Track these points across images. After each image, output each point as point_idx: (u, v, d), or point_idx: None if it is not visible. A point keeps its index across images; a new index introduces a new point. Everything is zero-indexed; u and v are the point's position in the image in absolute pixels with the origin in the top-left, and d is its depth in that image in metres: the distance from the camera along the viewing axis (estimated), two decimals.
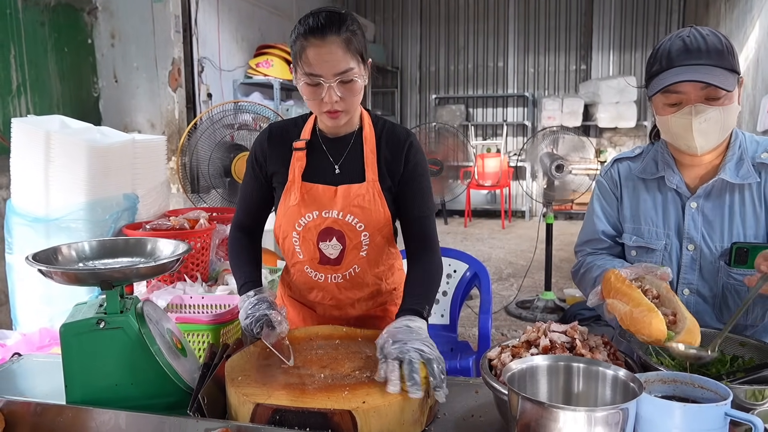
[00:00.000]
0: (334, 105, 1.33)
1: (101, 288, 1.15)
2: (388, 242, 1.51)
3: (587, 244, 1.62)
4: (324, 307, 1.56)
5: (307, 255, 1.48)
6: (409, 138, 1.48)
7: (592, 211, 1.62)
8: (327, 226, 1.44)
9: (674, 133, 1.38)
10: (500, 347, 1.22)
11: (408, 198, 1.47)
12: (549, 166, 4.38)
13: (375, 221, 1.44)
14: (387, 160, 1.46)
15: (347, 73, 1.31)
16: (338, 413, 1.03)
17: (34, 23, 3.62)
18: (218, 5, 5.33)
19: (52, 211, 1.81)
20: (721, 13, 6.14)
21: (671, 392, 1.00)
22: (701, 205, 1.44)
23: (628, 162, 1.58)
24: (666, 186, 1.49)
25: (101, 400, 1.16)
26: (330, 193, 1.43)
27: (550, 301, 4.46)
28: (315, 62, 1.30)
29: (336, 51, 1.29)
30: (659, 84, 1.35)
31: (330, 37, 1.29)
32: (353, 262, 1.47)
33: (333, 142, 1.48)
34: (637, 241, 1.51)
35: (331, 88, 1.31)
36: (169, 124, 4.27)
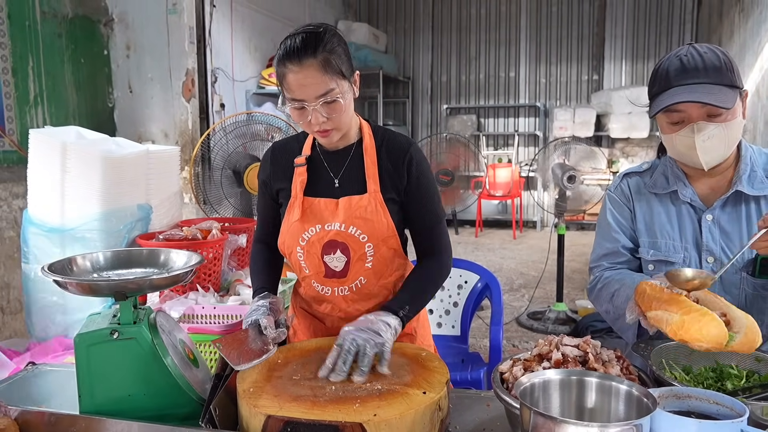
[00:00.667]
0: (322, 125, 1.35)
1: (115, 299, 1.16)
2: (396, 253, 1.51)
3: (605, 258, 1.60)
4: (333, 319, 1.56)
5: (313, 269, 1.49)
6: (411, 148, 1.48)
7: (607, 225, 1.61)
8: (330, 239, 1.44)
9: (679, 151, 1.40)
10: (512, 360, 1.22)
11: (415, 209, 1.48)
12: (561, 176, 4.36)
13: (378, 232, 1.44)
14: (389, 170, 1.46)
15: (328, 95, 1.32)
16: (349, 425, 1.03)
17: (52, 35, 3.69)
18: (232, 16, 5.40)
19: (67, 221, 1.83)
20: (735, 23, 6.11)
21: (686, 408, 0.99)
22: (717, 217, 1.44)
23: (638, 176, 1.59)
24: (679, 200, 1.49)
25: (114, 410, 1.17)
26: (332, 206, 1.45)
27: (562, 313, 4.43)
28: (295, 88, 1.32)
29: (314, 74, 1.30)
30: (659, 105, 1.36)
31: (307, 61, 1.30)
32: (359, 274, 1.47)
33: (332, 155, 1.49)
34: (655, 254, 1.51)
35: (315, 110, 1.33)
36: (182, 134, 4.31)
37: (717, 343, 1.05)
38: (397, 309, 1.36)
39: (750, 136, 5.40)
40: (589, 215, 7.80)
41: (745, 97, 1.39)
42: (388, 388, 1.16)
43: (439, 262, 1.51)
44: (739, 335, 1.07)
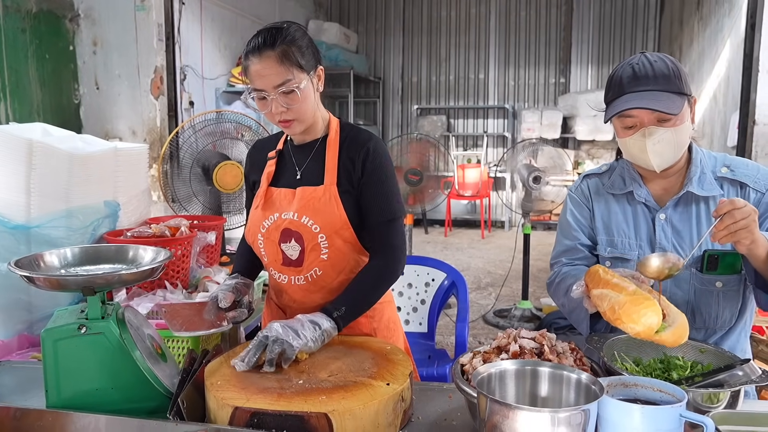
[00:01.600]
0: (282, 115, 1.43)
1: (83, 294, 1.17)
2: (354, 249, 1.52)
3: (564, 254, 1.66)
4: (291, 310, 1.59)
5: (271, 257, 1.54)
6: (370, 142, 1.51)
7: (567, 223, 1.68)
8: (285, 227, 1.49)
9: (632, 153, 1.47)
10: (472, 353, 1.27)
11: (367, 202, 1.49)
12: (527, 177, 4.46)
13: (330, 223, 1.47)
14: (346, 164, 1.50)
15: (285, 84, 1.40)
16: (315, 416, 1.07)
17: (15, 30, 3.62)
18: (201, 14, 5.36)
19: (32, 219, 1.81)
20: (694, 31, 6.32)
21: (633, 395, 1.05)
22: (669, 217, 1.52)
23: (597, 178, 1.67)
24: (635, 200, 1.56)
25: (81, 404, 1.18)
26: (290, 196, 1.50)
27: (527, 310, 4.53)
28: (255, 78, 1.41)
29: (272, 65, 1.39)
30: (612, 111, 1.44)
31: (266, 52, 1.39)
32: (314, 264, 1.50)
33: (299, 149, 1.56)
34: (612, 251, 1.58)
35: (274, 100, 1.41)
36: (150, 132, 4.27)
37: (649, 329, 1.12)
38: (332, 310, 1.39)
39: (707, 140, 5.59)
40: (555, 215, 7.95)
41: (694, 103, 1.47)
42: (353, 380, 1.20)
43: (384, 260, 1.50)
44: (670, 328, 1.13)
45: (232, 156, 2.90)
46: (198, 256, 2.14)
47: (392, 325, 1.68)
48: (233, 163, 2.76)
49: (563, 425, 0.89)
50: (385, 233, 1.50)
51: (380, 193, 1.50)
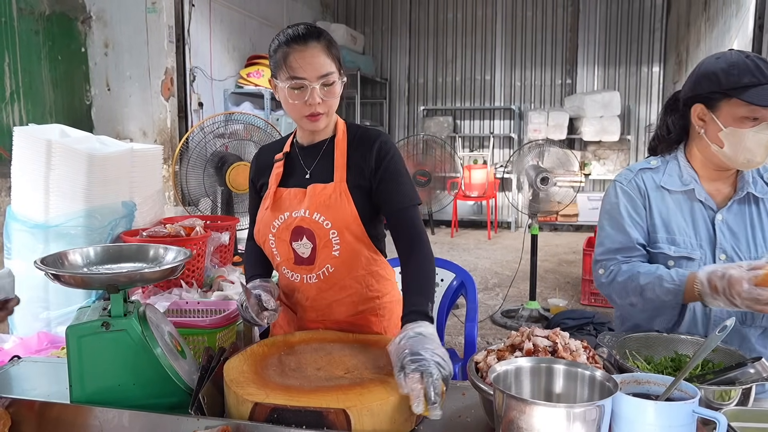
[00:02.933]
0: (317, 107, 1.42)
1: (107, 291, 1.20)
2: (365, 245, 1.53)
3: (618, 252, 1.58)
4: (303, 308, 1.60)
5: (284, 255, 1.55)
6: (380, 138, 1.54)
7: (620, 218, 1.59)
8: (296, 225, 1.50)
9: (746, 146, 1.43)
10: (486, 351, 1.29)
11: (386, 193, 1.51)
12: (534, 178, 4.47)
13: (341, 219, 1.48)
14: (357, 159, 1.52)
15: (329, 76, 1.42)
16: (333, 412, 1.09)
17: (29, 31, 3.66)
18: (211, 16, 5.40)
19: (51, 218, 1.85)
20: (701, 32, 6.31)
21: (645, 392, 1.07)
22: (725, 218, 1.53)
23: (651, 173, 1.61)
24: (693, 198, 1.55)
25: (104, 400, 1.21)
26: (300, 195, 1.52)
27: (535, 311, 4.54)
28: (298, 66, 1.40)
29: (318, 55, 1.41)
30: (755, 96, 1.39)
31: (311, 42, 1.41)
32: (326, 261, 1.51)
33: (307, 149, 1.58)
34: (677, 251, 1.53)
35: (314, 90, 1.41)
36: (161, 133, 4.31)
37: None
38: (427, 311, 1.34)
39: None
40: (561, 216, 7.97)
41: None
42: (370, 377, 1.22)
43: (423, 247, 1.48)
44: None
45: (244, 157, 2.93)
46: (212, 255, 2.17)
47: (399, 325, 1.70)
48: (246, 164, 2.79)
49: (578, 420, 0.91)
50: (409, 219, 1.50)
51: (400, 182, 1.52)
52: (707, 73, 1.48)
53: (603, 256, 1.60)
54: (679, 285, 1.41)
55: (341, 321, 1.58)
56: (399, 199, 1.51)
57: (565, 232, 8.51)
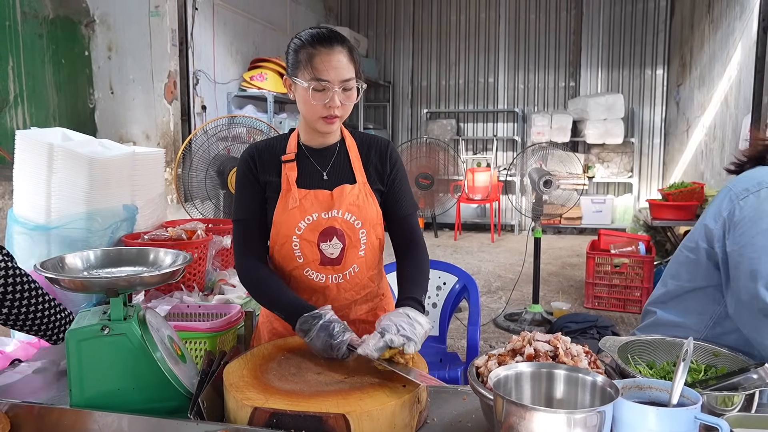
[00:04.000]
0: (336, 110, 1.44)
1: (107, 295, 1.20)
2: (381, 245, 1.61)
3: None
4: None
5: (309, 257, 1.52)
6: (390, 144, 1.63)
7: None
8: (328, 225, 1.51)
9: None
10: (487, 356, 1.28)
11: (394, 199, 1.59)
12: (537, 181, 4.46)
13: (370, 219, 1.54)
14: (375, 164, 1.58)
15: (350, 81, 1.44)
16: (333, 417, 1.08)
17: (33, 35, 3.68)
18: (214, 19, 5.41)
19: (52, 221, 1.85)
20: (705, 34, 6.30)
21: (647, 397, 1.06)
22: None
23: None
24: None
25: (104, 404, 1.21)
26: (326, 196, 1.52)
27: (538, 314, 4.53)
28: (323, 68, 1.41)
29: (343, 60, 1.43)
30: None
31: (337, 47, 1.43)
32: (353, 262, 1.54)
33: (318, 152, 1.58)
34: None
35: (335, 93, 1.42)
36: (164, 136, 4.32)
37: None
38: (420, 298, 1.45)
39: (719, 144, 5.57)
40: (565, 219, 7.96)
41: None
42: (370, 382, 1.22)
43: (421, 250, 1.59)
44: None
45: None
46: (213, 259, 2.17)
47: None
48: None
49: (579, 427, 0.91)
50: (412, 225, 1.61)
51: (403, 190, 1.61)
52: None
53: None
54: None
55: (356, 319, 1.62)
56: (405, 206, 1.61)
57: (569, 235, 8.49)
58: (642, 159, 8.46)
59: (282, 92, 5.81)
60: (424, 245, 1.60)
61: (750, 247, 1.41)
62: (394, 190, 1.59)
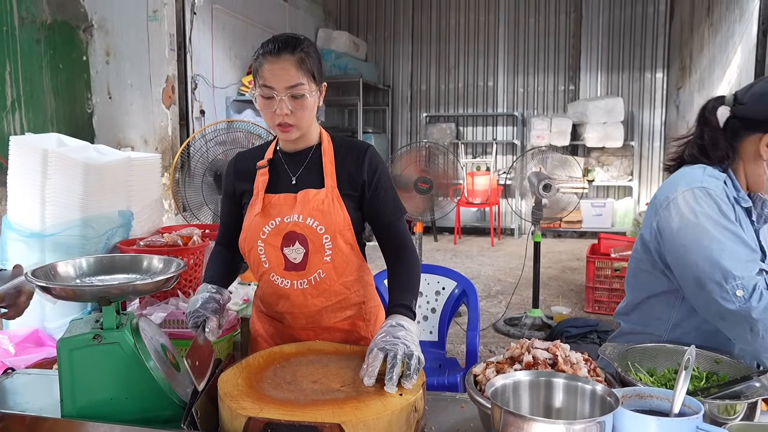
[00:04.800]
0: (285, 118, 1.45)
1: (99, 304, 1.18)
2: (354, 251, 1.57)
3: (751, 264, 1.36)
4: (292, 316, 1.59)
5: (273, 262, 1.54)
6: (369, 149, 1.59)
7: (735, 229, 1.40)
8: (289, 230, 1.51)
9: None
10: (485, 363, 1.26)
11: (377, 205, 1.57)
12: (537, 185, 4.44)
13: (334, 224, 1.51)
14: (349, 169, 1.56)
15: (298, 88, 1.44)
16: (328, 426, 1.06)
17: (30, 40, 3.67)
18: (212, 23, 5.41)
19: (47, 227, 1.83)
20: (705, 38, 6.29)
21: (647, 406, 1.04)
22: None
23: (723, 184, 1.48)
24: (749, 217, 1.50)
25: (96, 414, 1.19)
26: (290, 200, 1.53)
27: (538, 319, 4.51)
28: (268, 76, 1.43)
29: (289, 68, 1.43)
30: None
31: (284, 55, 1.44)
32: (317, 267, 1.53)
33: (292, 156, 1.59)
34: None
35: (282, 100, 1.43)
36: (162, 141, 4.31)
37: None
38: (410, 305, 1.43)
39: None
40: (565, 223, 7.94)
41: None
42: (366, 390, 1.20)
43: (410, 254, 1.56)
44: None
45: None
46: None
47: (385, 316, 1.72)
48: None
49: None
50: (399, 230, 1.58)
51: (389, 195, 1.59)
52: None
53: (739, 272, 1.33)
54: None
55: (330, 327, 1.61)
56: (389, 212, 1.58)
57: (569, 238, 8.47)
58: (642, 162, 8.44)
59: None
60: (413, 248, 1.58)
61: (684, 259, 1.43)
62: (376, 196, 1.57)
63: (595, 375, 1.21)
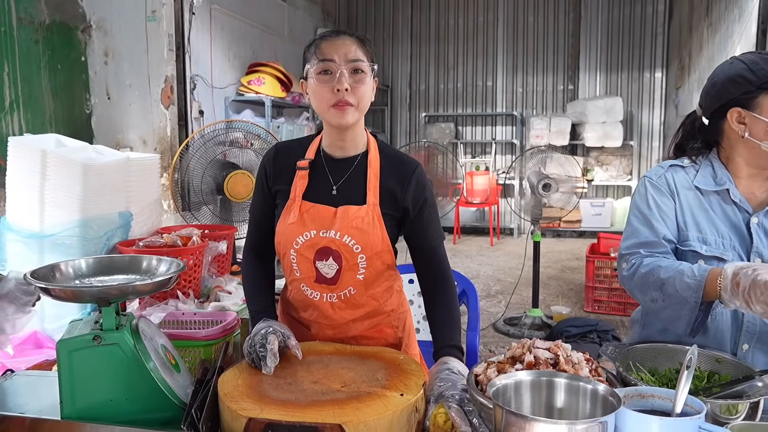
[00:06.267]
0: (345, 94, 1.36)
1: (98, 305, 1.18)
2: (389, 267, 1.53)
3: (642, 246, 1.54)
4: (319, 326, 1.56)
5: (304, 273, 1.49)
6: (417, 169, 1.50)
7: (648, 212, 1.56)
8: (324, 245, 1.44)
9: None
10: (486, 363, 1.26)
11: (420, 229, 1.50)
12: (536, 184, 4.44)
13: (372, 245, 1.44)
14: (392, 188, 1.47)
15: (358, 63, 1.38)
16: (329, 427, 1.06)
17: (28, 41, 3.66)
18: (211, 24, 5.40)
19: (46, 228, 1.83)
20: (704, 37, 6.29)
21: (649, 406, 1.04)
22: (761, 221, 1.50)
23: (683, 170, 1.59)
24: (727, 199, 1.53)
25: (96, 415, 1.18)
26: (329, 214, 1.45)
27: (538, 318, 4.51)
28: (328, 50, 1.38)
29: (349, 44, 1.40)
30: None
31: (343, 36, 1.42)
32: (349, 284, 1.48)
33: (336, 162, 1.49)
34: (709, 250, 1.50)
35: (342, 73, 1.36)
36: (161, 141, 4.30)
37: None
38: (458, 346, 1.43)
39: None
40: (564, 222, 7.94)
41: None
42: (367, 391, 1.19)
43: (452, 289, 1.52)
44: None
45: (242, 165, 2.91)
46: (209, 265, 2.14)
47: (412, 333, 1.70)
48: (244, 173, 2.77)
49: None
50: (439, 255, 1.53)
51: (433, 218, 1.52)
52: (730, 77, 1.48)
53: (627, 250, 1.56)
54: (700, 280, 1.36)
55: (358, 336, 1.57)
56: (432, 236, 1.52)
57: (568, 238, 8.47)
58: (641, 162, 8.44)
59: (280, 96, 5.80)
60: (452, 279, 1.53)
61: None
62: (420, 220, 1.49)
63: (596, 375, 1.21)
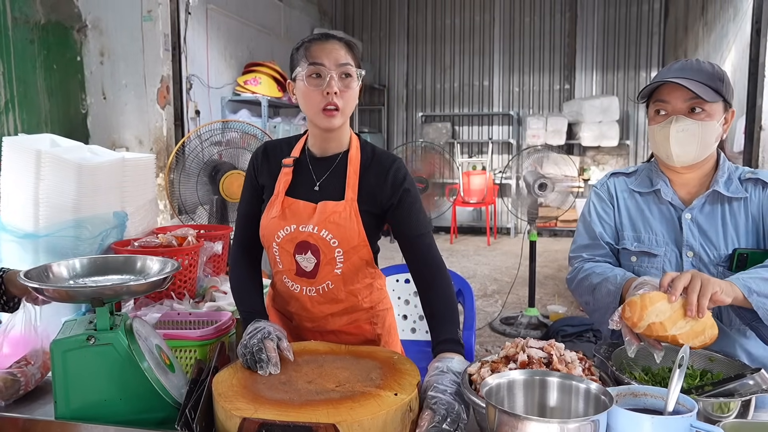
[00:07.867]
0: (334, 98, 1.40)
1: (92, 305, 1.18)
2: (367, 263, 1.56)
3: (585, 249, 1.68)
4: (299, 317, 1.61)
5: (286, 265, 1.54)
6: (395, 163, 1.53)
7: (589, 218, 1.69)
8: (303, 239, 1.49)
9: (656, 141, 1.53)
10: (480, 362, 1.26)
11: (402, 217, 1.52)
12: (533, 184, 4.45)
13: (349, 239, 1.48)
14: (371, 184, 1.51)
15: (348, 67, 1.43)
16: (323, 427, 1.06)
17: (24, 41, 3.65)
18: (207, 23, 5.39)
19: (41, 228, 1.82)
20: (699, 36, 6.31)
21: (642, 405, 1.04)
22: (695, 216, 1.55)
23: (624, 177, 1.72)
24: (661, 199, 1.60)
25: (90, 415, 1.18)
26: (309, 209, 1.50)
27: (534, 318, 4.52)
28: (319, 54, 1.42)
29: (338, 48, 1.44)
30: (650, 87, 1.52)
31: (332, 40, 1.46)
32: (327, 278, 1.52)
33: (319, 160, 1.55)
34: (639, 246, 1.60)
35: (332, 77, 1.41)
36: (157, 141, 4.30)
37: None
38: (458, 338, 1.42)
39: None
40: (561, 222, 7.96)
41: (731, 115, 1.53)
42: (361, 390, 1.20)
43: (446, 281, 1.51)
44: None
45: (239, 165, 2.91)
46: (205, 265, 2.14)
47: (393, 331, 1.72)
48: (240, 173, 2.77)
49: None
50: (426, 246, 1.52)
51: (415, 209, 1.53)
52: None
53: (572, 253, 1.71)
54: (618, 287, 1.44)
55: (336, 330, 1.61)
56: (416, 225, 1.53)
57: (565, 237, 8.48)
58: (637, 161, 8.46)
59: (276, 96, 5.80)
60: (444, 269, 1.52)
61: None
62: (400, 211, 1.51)
63: (590, 374, 1.21)
